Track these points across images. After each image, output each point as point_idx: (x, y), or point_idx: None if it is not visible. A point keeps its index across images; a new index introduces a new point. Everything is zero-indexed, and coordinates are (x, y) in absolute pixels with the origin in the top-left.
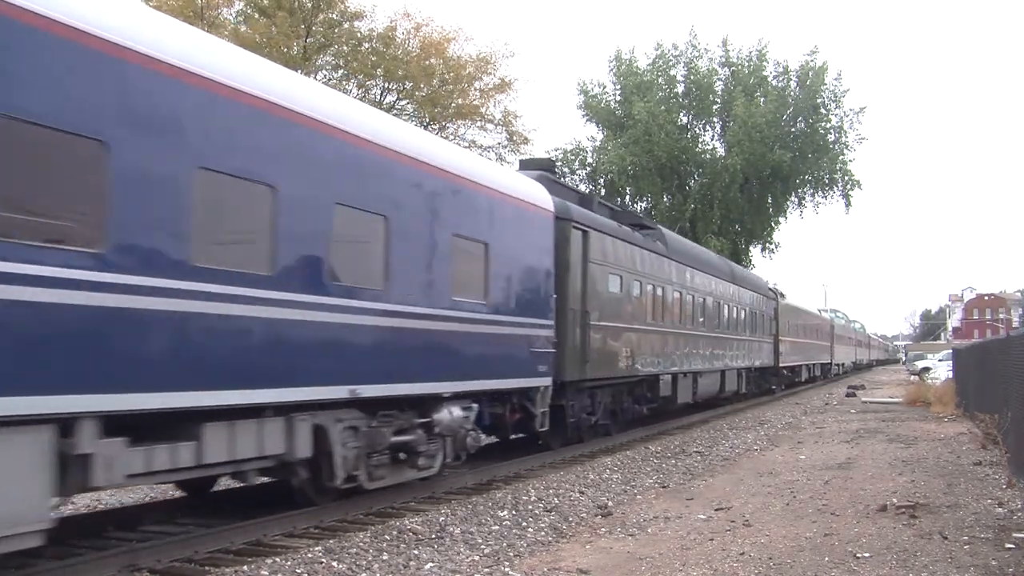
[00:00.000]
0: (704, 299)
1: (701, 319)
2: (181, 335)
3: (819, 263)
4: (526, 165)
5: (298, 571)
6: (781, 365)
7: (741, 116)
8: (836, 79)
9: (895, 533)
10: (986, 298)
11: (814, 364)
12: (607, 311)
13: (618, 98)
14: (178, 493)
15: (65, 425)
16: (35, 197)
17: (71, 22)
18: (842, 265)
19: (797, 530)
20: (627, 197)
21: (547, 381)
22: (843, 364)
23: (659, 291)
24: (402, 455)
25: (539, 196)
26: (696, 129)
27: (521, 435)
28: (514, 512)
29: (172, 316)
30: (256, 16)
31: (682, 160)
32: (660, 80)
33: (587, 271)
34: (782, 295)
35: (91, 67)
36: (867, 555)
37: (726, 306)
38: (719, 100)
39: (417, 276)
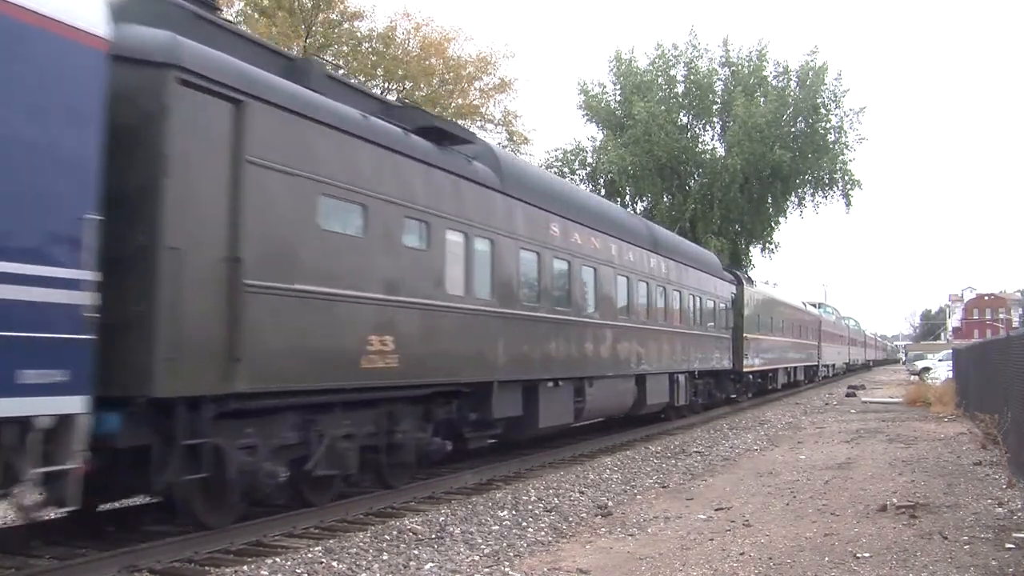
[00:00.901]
0: (596, 268)
1: (588, 298)
2: None
3: (819, 263)
4: None
5: (298, 571)
6: (746, 368)
7: (741, 116)
8: (836, 79)
9: (895, 533)
10: (986, 298)
11: (795, 366)
12: (320, 265)
13: (618, 98)
14: None
15: None
16: None
17: None
18: (842, 265)
19: (797, 530)
20: (627, 197)
21: (54, 403)
22: (833, 366)
23: (481, 246)
24: None
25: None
26: (696, 129)
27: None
28: (514, 512)
29: None
30: (256, 16)
31: (682, 160)
32: (660, 80)
33: (242, 180)
34: (748, 280)
35: None
36: (867, 555)
37: (644, 284)
38: (719, 100)
39: None
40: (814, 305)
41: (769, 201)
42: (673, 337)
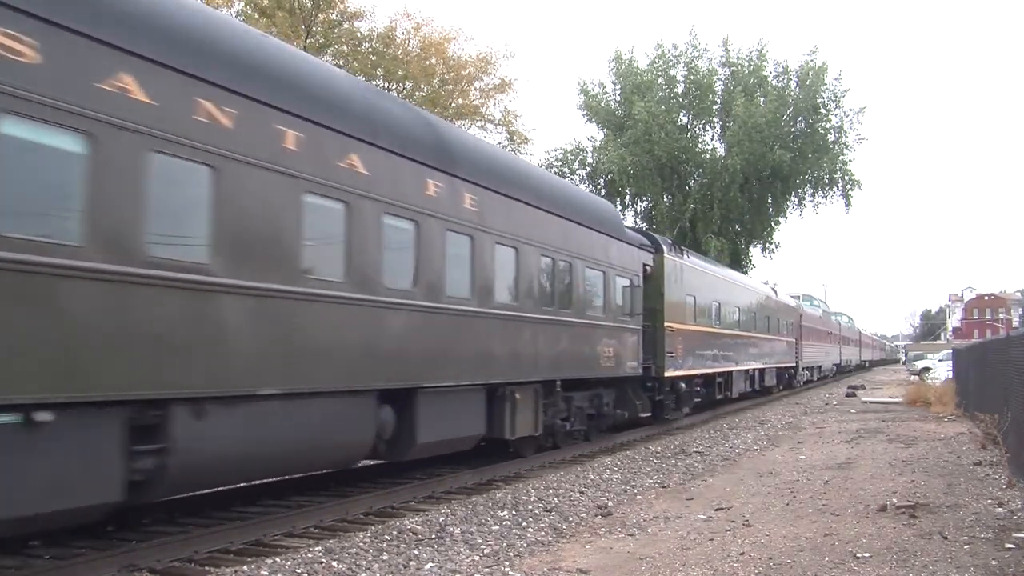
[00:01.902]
0: (223, 172)
1: (182, 237)
2: None
3: (819, 263)
4: None
5: (298, 571)
6: (672, 373)
7: (741, 116)
8: (836, 79)
9: (895, 533)
10: (986, 298)
11: (761, 369)
12: None
13: (618, 98)
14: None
15: None
16: None
17: None
18: (842, 265)
19: (797, 530)
20: (627, 197)
21: None
22: (819, 367)
23: None
24: None
25: None
26: (696, 129)
27: None
28: (514, 512)
29: None
30: (256, 16)
31: (682, 160)
32: (660, 80)
33: None
34: (676, 248)
35: None
36: (867, 555)
37: (410, 225)
38: (719, 100)
39: None
40: (796, 297)
41: (769, 201)
42: (496, 326)
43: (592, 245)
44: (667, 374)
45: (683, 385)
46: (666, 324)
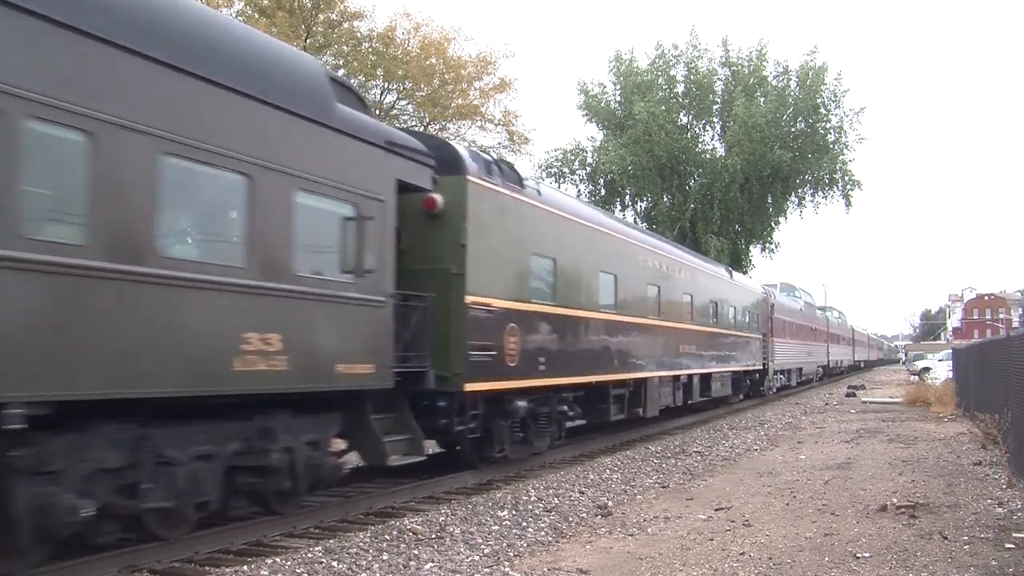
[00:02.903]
0: None
1: None
2: None
3: (819, 263)
4: None
5: (298, 571)
6: (485, 385)
7: (741, 116)
8: (836, 79)
9: (895, 533)
10: (986, 298)
11: (702, 374)
12: None
13: (618, 98)
14: None
15: None
16: None
17: None
18: (842, 265)
19: (797, 530)
20: (627, 197)
21: None
22: (798, 371)
23: None
24: None
25: None
26: (696, 129)
27: None
28: (514, 512)
29: None
30: (256, 16)
31: (682, 160)
32: (660, 80)
33: None
34: (494, 167)
35: None
36: (867, 555)
37: None
38: (719, 100)
39: None
40: (772, 286)
41: (769, 201)
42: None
43: (197, 109)
44: (471, 387)
45: (521, 404)
46: (470, 299)
